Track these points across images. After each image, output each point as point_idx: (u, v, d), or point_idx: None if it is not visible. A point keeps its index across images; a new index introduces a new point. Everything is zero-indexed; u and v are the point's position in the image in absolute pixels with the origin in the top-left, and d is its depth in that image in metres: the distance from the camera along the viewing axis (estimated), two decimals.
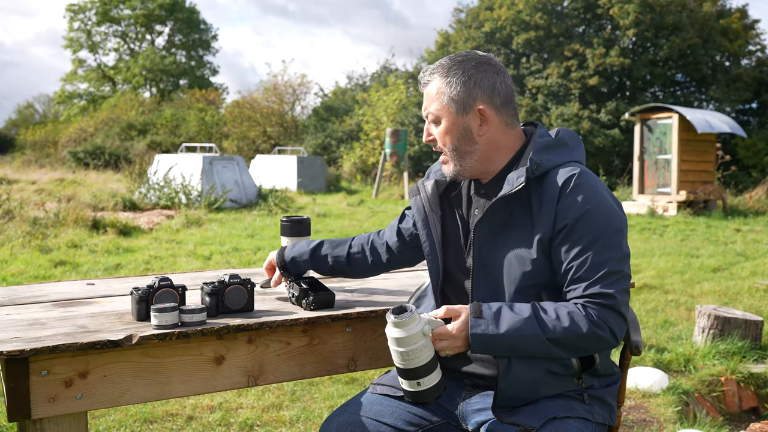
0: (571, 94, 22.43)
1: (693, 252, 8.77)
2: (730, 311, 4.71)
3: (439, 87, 1.73)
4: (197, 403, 3.51)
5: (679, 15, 21.53)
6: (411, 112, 23.11)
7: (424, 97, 1.77)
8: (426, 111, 1.76)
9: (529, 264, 1.66)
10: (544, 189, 1.65)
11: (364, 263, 2.05)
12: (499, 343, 1.58)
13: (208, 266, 7.06)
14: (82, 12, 40.68)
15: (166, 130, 28.13)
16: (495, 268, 1.71)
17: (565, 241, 1.63)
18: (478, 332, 1.58)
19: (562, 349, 1.59)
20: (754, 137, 20.32)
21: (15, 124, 45.97)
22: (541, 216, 1.65)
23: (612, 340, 1.61)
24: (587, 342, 1.59)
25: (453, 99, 1.71)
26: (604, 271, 1.60)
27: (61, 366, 1.59)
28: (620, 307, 1.60)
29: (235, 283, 1.85)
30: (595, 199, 1.63)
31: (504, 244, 1.70)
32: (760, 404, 4.13)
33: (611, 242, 1.62)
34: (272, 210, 12.48)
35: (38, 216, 9.42)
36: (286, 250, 2.07)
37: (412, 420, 1.77)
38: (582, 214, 1.61)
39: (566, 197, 1.63)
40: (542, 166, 1.66)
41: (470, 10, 25.30)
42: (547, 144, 1.71)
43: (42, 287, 2.21)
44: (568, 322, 1.57)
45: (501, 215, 1.70)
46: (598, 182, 1.67)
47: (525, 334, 1.57)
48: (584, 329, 1.57)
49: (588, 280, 1.60)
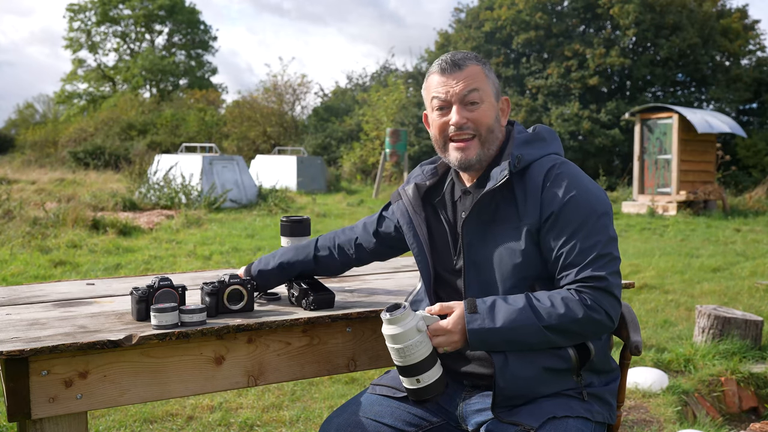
0: (571, 94, 22.43)
1: (693, 252, 8.77)
2: (730, 311, 4.71)
3: (481, 70, 1.76)
4: (197, 403, 3.50)
5: (679, 15, 21.54)
6: (411, 112, 23.11)
7: (458, 78, 1.73)
8: (467, 89, 1.72)
9: (519, 256, 1.67)
10: (527, 181, 1.69)
11: (332, 264, 2.06)
12: (497, 337, 1.59)
13: (208, 266, 7.06)
14: (82, 12, 40.68)
15: (166, 130, 28.12)
16: (486, 264, 1.72)
17: (553, 229, 1.65)
18: (474, 327, 1.59)
19: (559, 336, 1.60)
20: (754, 137, 20.32)
21: (15, 124, 45.95)
22: (526, 208, 1.68)
23: (608, 322, 1.63)
24: (584, 326, 1.60)
25: (494, 83, 1.77)
26: (593, 255, 1.62)
27: (61, 366, 1.59)
28: (613, 288, 1.62)
29: (235, 283, 1.85)
30: (577, 186, 1.67)
31: (492, 239, 1.72)
32: (760, 404, 4.13)
33: (597, 226, 1.65)
34: (272, 210, 12.48)
35: (38, 216, 9.42)
36: (253, 265, 2.06)
37: (412, 420, 1.77)
38: (567, 201, 1.65)
39: (550, 187, 1.67)
40: (523, 159, 1.70)
41: (470, 10, 25.31)
42: (526, 139, 1.77)
43: (42, 287, 2.21)
44: (563, 308, 1.59)
45: (487, 212, 1.73)
46: (578, 171, 1.72)
47: (522, 325, 1.58)
48: (580, 314, 1.59)
49: (579, 265, 1.62)
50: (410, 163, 20.45)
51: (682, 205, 14.03)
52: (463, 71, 1.74)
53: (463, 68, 1.74)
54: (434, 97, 1.76)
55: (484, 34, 23.80)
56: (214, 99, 34.22)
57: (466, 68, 1.74)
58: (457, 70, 1.74)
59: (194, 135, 27.46)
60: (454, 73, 1.74)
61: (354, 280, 2.36)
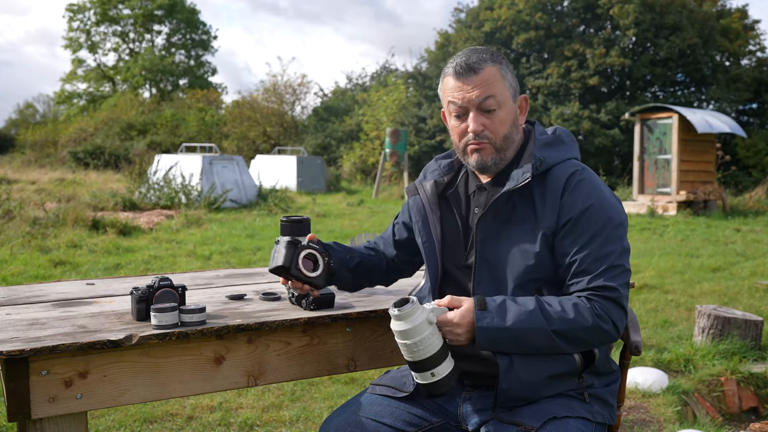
0: (571, 94, 22.43)
1: (693, 252, 8.77)
2: (730, 311, 4.71)
3: (497, 72, 1.71)
4: (197, 403, 3.50)
5: (679, 15, 21.54)
6: (411, 112, 23.09)
7: (473, 84, 1.69)
8: (483, 96, 1.68)
9: (532, 257, 1.67)
10: (547, 185, 1.69)
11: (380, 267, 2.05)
12: (505, 337, 1.58)
13: (208, 266, 7.06)
14: (82, 12, 40.67)
15: (166, 130, 28.11)
16: (497, 263, 1.71)
17: (569, 235, 1.65)
18: (483, 325, 1.58)
19: (566, 342, 1.60)
20: (754, 137, 20.31)
21: (15, 124, 45.95)
22: (544, 211, 1.67)
23: (614, 333, 1.63)
24: (591, 335, 1.61)
25: (511, 84, 1.74)
26: (606, 265, 1.62)
27: (61, 366, 1.59)
28: (622, 300, 1.63)
29: (313, 248, 1.81)
30: (597, 194, 1.68)
31: (506, 239, 1.71)
32: (760, 404, 4.13)
33: (613, 236, 1.65)
34: (272, 210, 12.48)
35: (38, 216, 9.42)
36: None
37: (412, 420, 1.77)
38: (586, 208, 1.65)
39: (570, 192, 1.67)
40: (545, 162, 1.70)
41: (470, 10, 25.28)
42: (547, 141, 1.76)
43: (42, 287, 2.21)
44: (573, 313, 1.59)
45: (503, 211, 1.72)
46: (598, 179, 1.73)
47: (530, 327, 1.57)
48: (589, 322, 1.59)
49: (591, 273, 1.62)
50: (410, 163, 20.44)
51: (682, 205, 14.03)
52: (478, 75, 1.69)
53: (478, 71, 1.69)
54: (450, 102, 1.73)
55: (484, 34, 23.78)
56: (214, 99, 34.20)
57: (481, 71, 1.69)
58: (473, 75, 1.69)
59: (194, 135, 27.45)
60: (469, 77, 1.69)
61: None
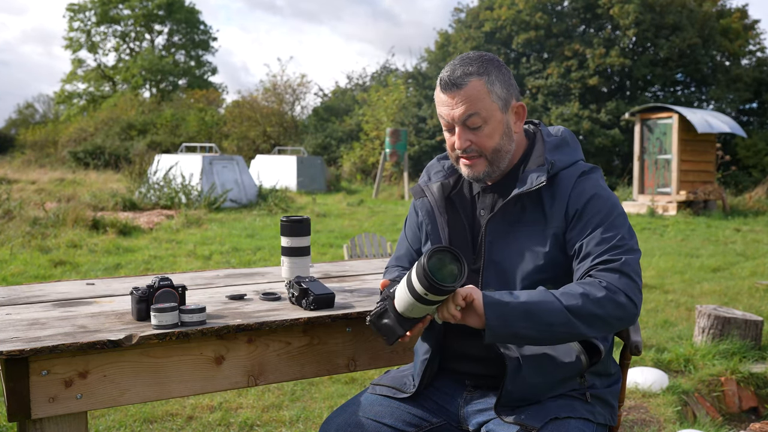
0: (571, 94, 22.43)
1: (693, 252, 8.77)
2: (730, 311, 4.71)
3: (482, 86, 1.67)
4: (197, 403, 3.50)
5: (679, 15, 21.54)
6: (411, 112, 23.09)
7: (457, 99, 1.67)
8: (466, 114, 1.67)
9: (541, 258, 1.67)
10: (556, 187, 1.70)
11: None
12: (516, 312, 1.51)
13: (208, 266, 7.06)
14: (82, 12, 40.67)
15: (166, 130, 28.11)
16: (506, 264, 1.71)
17: (577, 225, 1.67)
18: (493, 300, 1.52)
19: (582, 322, 1.53)
20: (754, 137, 20.31)
21: (15, 124, 45.94)
22: (553, 212, 1.68)
23: (630, 305, 1.55)
24: (606, 309, 1.53)
25: (499, 96, 1.69)
26: (612, 243, 1.62)
27: (61, 366, 1.59)
28: (629, 271, 1.58)
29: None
30: (600, 188, 1.72)
31: (515, 240, 1.71)
32: (760, 404, 4.13)
33: (618, 220, 1.67)
34: (272, 210, 12.48)
35: (38, 216, 9.42)
36: None
37: (412, 421, 1.77)
38: (590, 197, 1.68)
39: (575, 189, 1.69)
40: (555, 166, 1.71)
41: (470, 10, 25.28)
42: (556, 144, 1.78)
43: (42, 287, 2.21)
44: (581, 289, 1.55)
45: (512, 212, 1.72)
46: (602, 178, 1.78)
47: (542, 300, 1.53)
48: (599, 293, 1.53)
49: (596, 253, 1.62)
50: (410, 163, 20.45)
51: (682, 205, 14.03)
52: (462, 90, 1.66)
53: (462, 87, 1.66)
54: (439, 114, 1.74)
55: (484, 34, 23.79)
56: (214, 99, 34.20)
57: (464, 87, 1.66)
58: (456, 90, 1.66)
59: (194, 135, 27.45)
60: (453, 92, 1.67)
61: (354, 280, 2.36)
